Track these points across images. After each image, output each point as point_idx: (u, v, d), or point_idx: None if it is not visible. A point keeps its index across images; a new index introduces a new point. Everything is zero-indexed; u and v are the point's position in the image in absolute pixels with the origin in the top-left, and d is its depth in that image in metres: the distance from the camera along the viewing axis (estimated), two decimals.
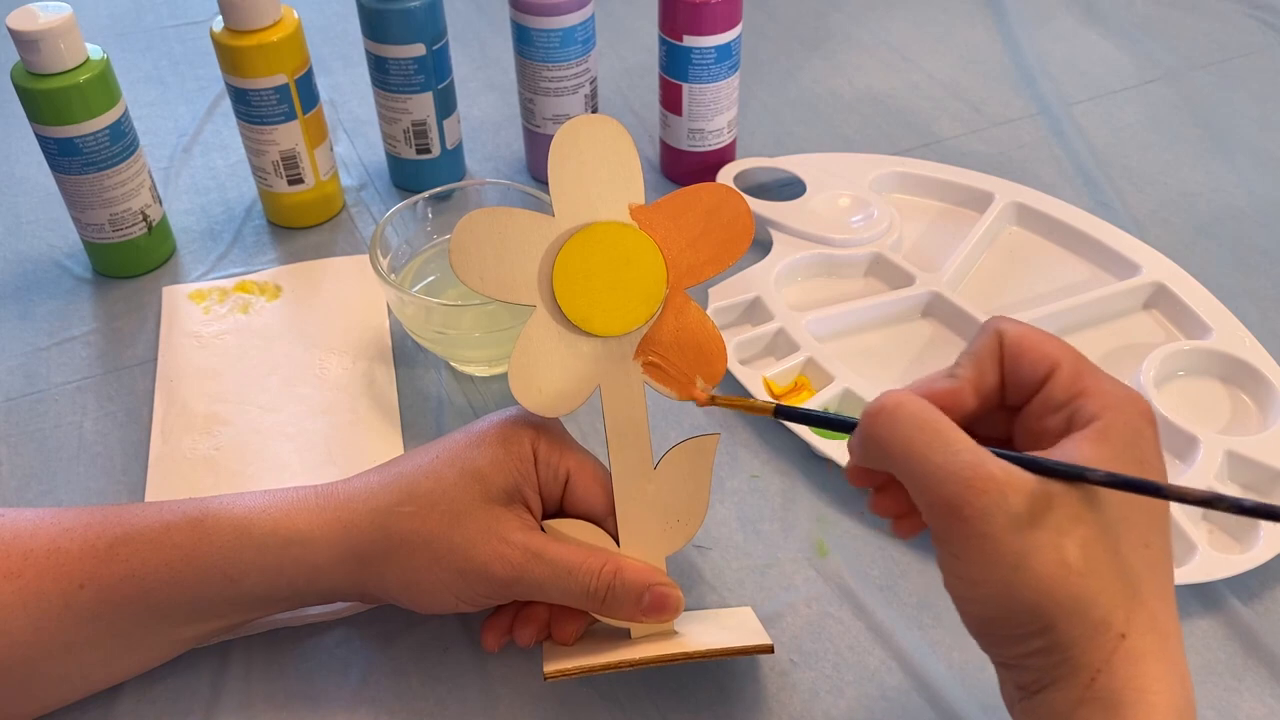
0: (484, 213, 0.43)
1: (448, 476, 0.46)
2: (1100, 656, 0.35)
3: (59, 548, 0.45)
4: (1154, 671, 0.35)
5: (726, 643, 0.47)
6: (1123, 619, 0.35)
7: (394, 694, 0.50)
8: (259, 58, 0.68)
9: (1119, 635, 0.35)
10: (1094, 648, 0.35)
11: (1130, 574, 0.35)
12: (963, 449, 0.36)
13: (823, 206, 0.74)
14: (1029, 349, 0.39)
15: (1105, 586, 0.35)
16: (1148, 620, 0.35)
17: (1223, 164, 0.81)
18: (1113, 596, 0.35)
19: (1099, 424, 0.37)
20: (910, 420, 0.37)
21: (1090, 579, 0.35)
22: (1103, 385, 0.38)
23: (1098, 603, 0.35)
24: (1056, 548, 0.35)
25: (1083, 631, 0.35)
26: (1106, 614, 0.35)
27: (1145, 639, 0.35)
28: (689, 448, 0.48)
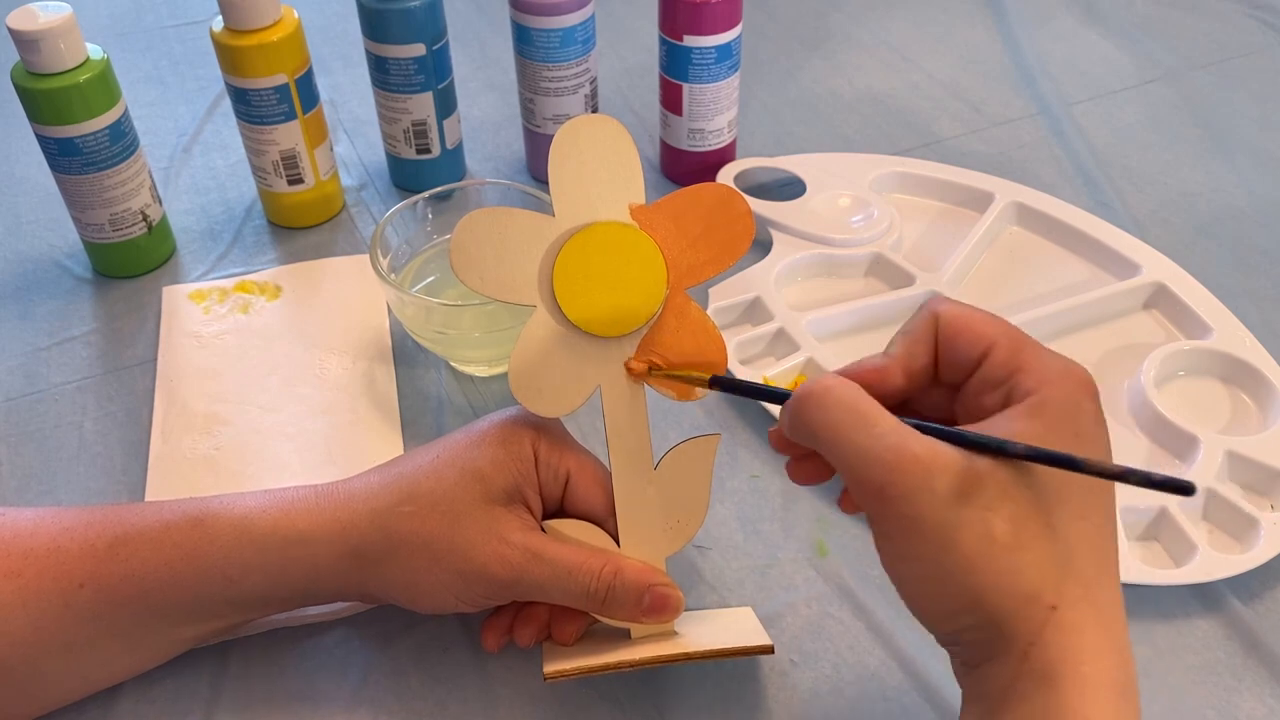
0: (484, 213, 0.43)
1: (448, 477, 0.46)
2: (1031, 629, 0.35)
3: (59, 547, 0.45)
4: (1089, 644, 0.35)
5: (726, 643, 0.47)
6: (1053, 591, 0.35)
7: (394, 694, 0.50)
8: (259, 58, 0.68)
9: (1049, 607, 0.35)
10: (1023, 620, 0.35)
11: (1064, 547, 0.36)
12: (886, 431, 0.36)
13: (823, 206, 0.74)
14: (964, 328, 0.39)
15: (1034, 560, 0.35)
16: (1082, 592, 0.35)
17: (1223, 164, 0.81)
18: (1043, 570, 0.35)
19: (1034, 398, 0.37)
20: (836, 405, 0.37)
21: (1018, 553, 0.35)
22: (1041, 360, 0.38)
23: (1026, 576, 0.35)
24: (983, 523, 0.35)
25: (1013, 606, 0.35)
26: (1036, 587, 0.35)
27: (1079, 610, 0.35)
28: (689, 448, 0.48)
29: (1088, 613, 0.35)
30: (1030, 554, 0.35)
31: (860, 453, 0.36)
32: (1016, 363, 0.38)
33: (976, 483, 0.35)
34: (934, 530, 0.35)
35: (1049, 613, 0.35)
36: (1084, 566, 0.36)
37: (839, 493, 0.57)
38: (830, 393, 0.37)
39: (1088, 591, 0.36)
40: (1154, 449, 0.59)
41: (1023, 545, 0.35)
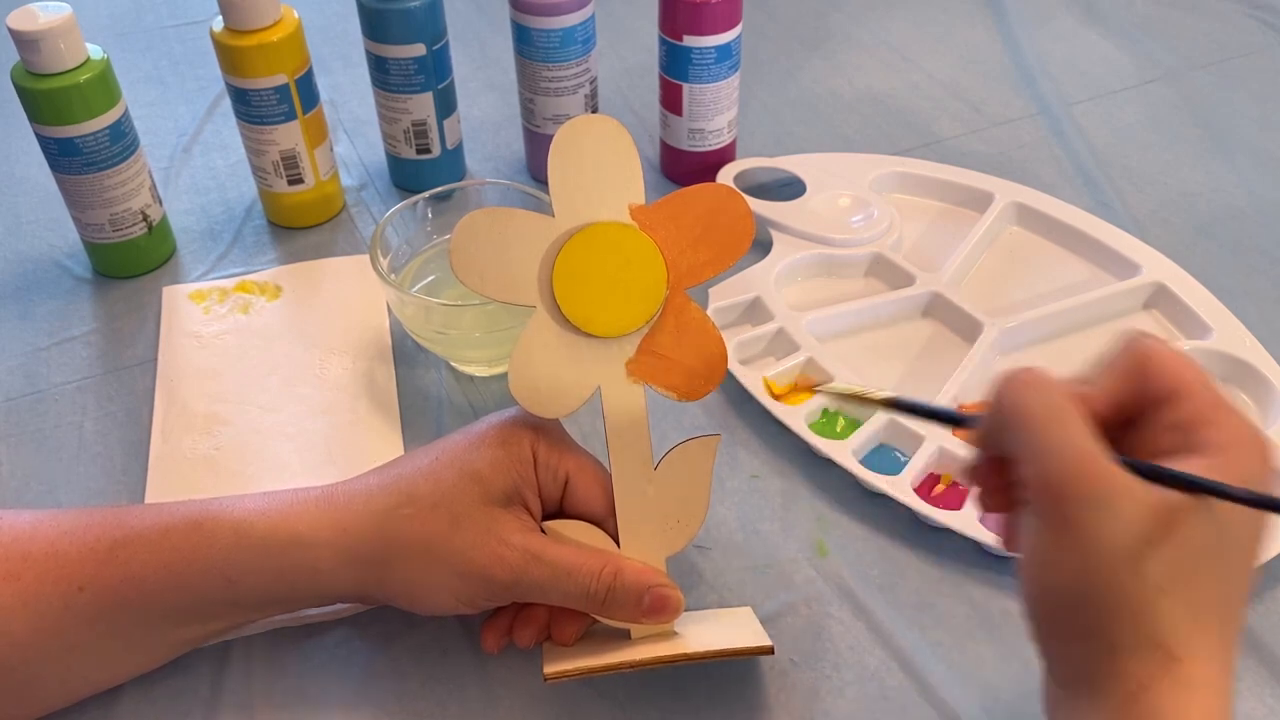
0: (484, 213, 0.43)
1: (447, 478, 0.46)
2: (1146, 672, 0.35)
3: (59, 550, 0.45)
4: (1200, 703, 0.35)
5: (727, 644, 0.47)
6: (1182, 645, 0.35)
7: (394, 694, 0.50)
8: (259, 58, 0.68)
9: (1172, 658, 0.35)
10: (1140, 662, 0.35)
11: (1205, 604, 0.35)
12: (1084, 436, 0.36)
13: (823, 206, 0.74)
14: (1161, 365, 0.38)
15: (1174, 609, 0.35)
16: (1210, 652, 0.35)
17: (1223, 164, 0.81)
18: (1179, 620, 0.35)
19: (1219, 458, 0.36)
20: (1044, 393, 0.37)
21: (1163, 597, 0.35)
22: (1233, 421, 0.37)
23: (1160, 621, 0.35)
24: (1140, 557, 0.35)
25: (1135, 642, 0.35)
26: (1166, 635, 0.35)
27: (1203, 669, 0.35)
28: (689, 448, 0.48)
29: (1209, 671, 0.35)
30: (1172, 601, 0.35)
31: (1053, 446, 0.36)
32: (1209, 415, 0.37)
33: (1148, 513, 0.35)
34: (1094, 546, 0.35)
35: (1171, 663, 0.35)
36: (1221, 629, 0.36)
37: (839, 493, 0.58)
38: (1044, 381, 0.37)
39: (1216, 654, 0.36)
40: None
41: (1168, 590, 0.35)
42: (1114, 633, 0.35)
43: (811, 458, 0.59)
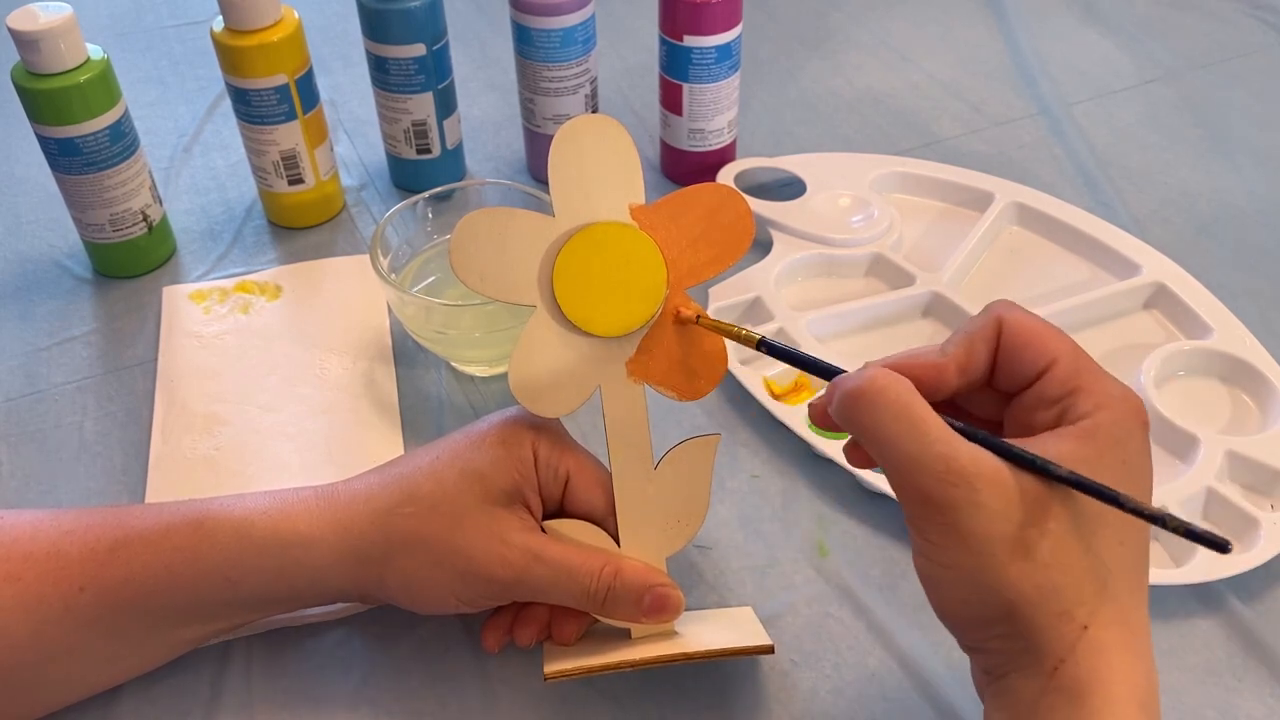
0: (484, 213, 0.43)
1: (448, 478, 0.46)
2: (1063, 646, 0.36)
3: (59, 550, 0.45)
4: (1118, 664, 0.36)
5: (727, 643, 0.47)
6: (1087, 612, 0.36)
7: (394, 694, 0.50)
8: (259, 58, 0.68)
9: (1081, 626, 0.36)
10: (1056, 637, 0.36)
11: (1100, 569, 0.36)
12: (936, 439, 0.36)
13: (823, 206, 0.74)
14: (1029, 340, 0.39)
15: (1071, 580, 0.36)
16: (1115, 614, 0.36)
17: (1223, 164, 0.81)
18: (1078, 590, 0.36)
19: (1088, 422, 0.37)
20: (889, 406, 0.37)
21: (1055, 571, 0.35)
22: (1099, 384, 0.38)
23: (1061, 595, 0.36)
24: (1023, 540, 0.35)
25: (1045, 621, 0.36)
26: (1070, 606, 0.36)
27: (1110, 631, 0.36)
28: (689, 448, 0.48)
29: (1119, 634, 0.36)
30: (1066, 574, 0.36)
31: (909, 460, 0.36)
32: (1076, 383, 0.38)
33: (1020, 498, 0.35)
34: (976, 543, 0.35)
35: (1081, 632, 0.36)
36: (1119, 589, 0.36)
37: (839, 493, 0.58)
38: (884, 394, 0.37)
39: (1120, 614, 0.36)
40: (1154, 449, 0.59)
41: (1059, 564, 0.35)
42: (1022, 617, 0.36)
43: (811, 458, 0.59)
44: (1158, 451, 0.59)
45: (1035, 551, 0.35)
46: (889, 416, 0.37)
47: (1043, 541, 0.35)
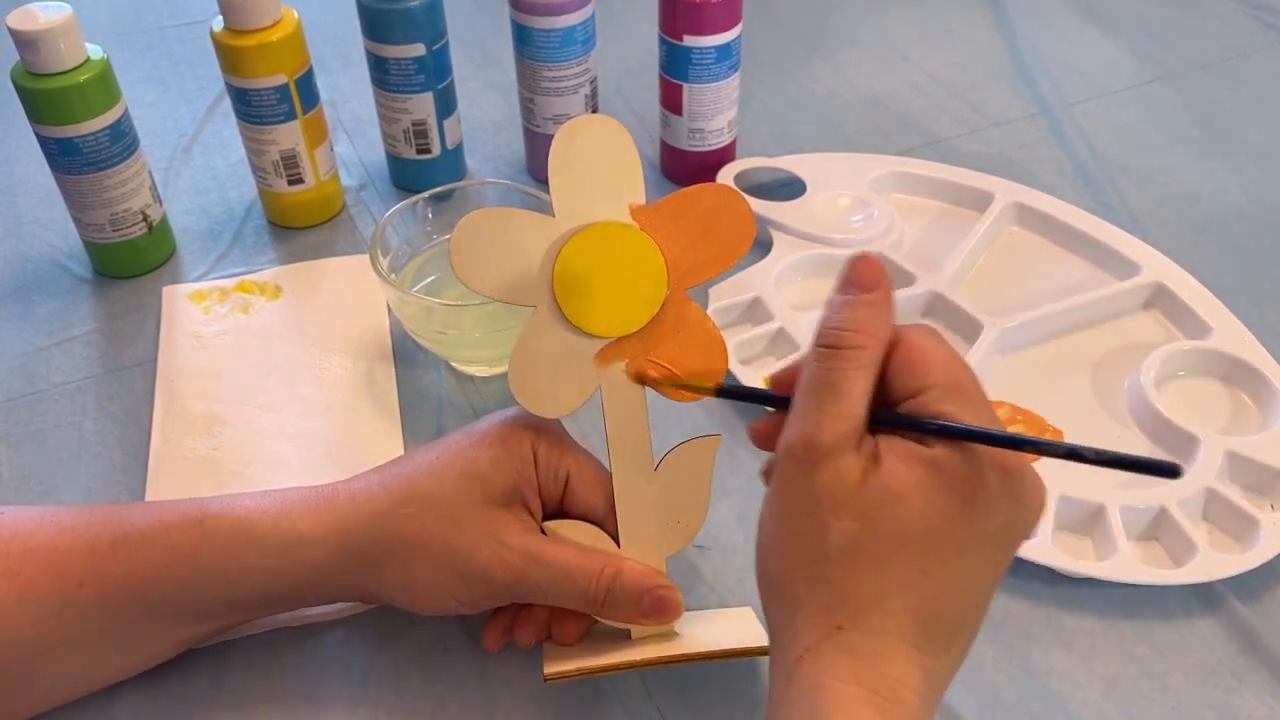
0: (484, 213, 0.43)
1: (448, 478, 0.46)
2: (811, 637, 0.37)
3: (59, 546, 0.45)
4: (861, 671, 0.35)
5: (727, 644, 0.47)
6: (850, 615, 0.36)
7: (394, 694, 0.50)
8: (259, 58, 0.68)
9: (836, 625, 0.36)
10: (809, 626, 0.37)
11: (892, 584, 0.36)
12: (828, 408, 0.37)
13: (823, 206, 0.74)
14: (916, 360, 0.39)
15: (848, 578, 0.36)
16: (887, 629, 0.36)
17: (1223, 164, 0.81)
18: (851, 590, 0.36)
19: (935, 452, 0.36)
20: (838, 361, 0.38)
21: (838, 565, 0.36)
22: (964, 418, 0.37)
23: (831, 587, 0.36)
24: (828, 522, 0.36)
25: (809, 607, 0.37)
26: (834, 602, 0.36)
27: (871, 641, 0.36)
28: (690, 448, 0.48)
29: (878, 645, 0.36)
30: (850, 572, 0.36)
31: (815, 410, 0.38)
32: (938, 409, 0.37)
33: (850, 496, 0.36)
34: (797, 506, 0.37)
35: (834, 630, 0.36)
36: (909, 610, 0.36)
37: None
38: (860, 352, 0.38)
39: (896, 630, 0.36)
40: (1154, 449, 0.59)
41: (848, 562, 0.36)
42: (796, 592, 0.37)
43: None
44: (1158, 451, 0.59)
45: (831, 538, 0.36)
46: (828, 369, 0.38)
47: (841, 536, 0.36)
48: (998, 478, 0.36)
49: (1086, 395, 0.62)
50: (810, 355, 0.39)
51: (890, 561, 0.36)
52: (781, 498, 0.38)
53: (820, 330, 0.39)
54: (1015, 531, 0.38)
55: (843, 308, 0.39)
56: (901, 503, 0.36)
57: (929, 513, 0.36)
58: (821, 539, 0.36)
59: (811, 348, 0.39)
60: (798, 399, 0.38)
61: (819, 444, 0.37)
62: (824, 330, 0.39)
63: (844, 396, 0.37)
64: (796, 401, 0.38)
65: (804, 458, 0.37)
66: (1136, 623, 0.52)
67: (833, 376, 0.37)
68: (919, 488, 0.36)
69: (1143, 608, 0.52)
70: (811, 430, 0.37)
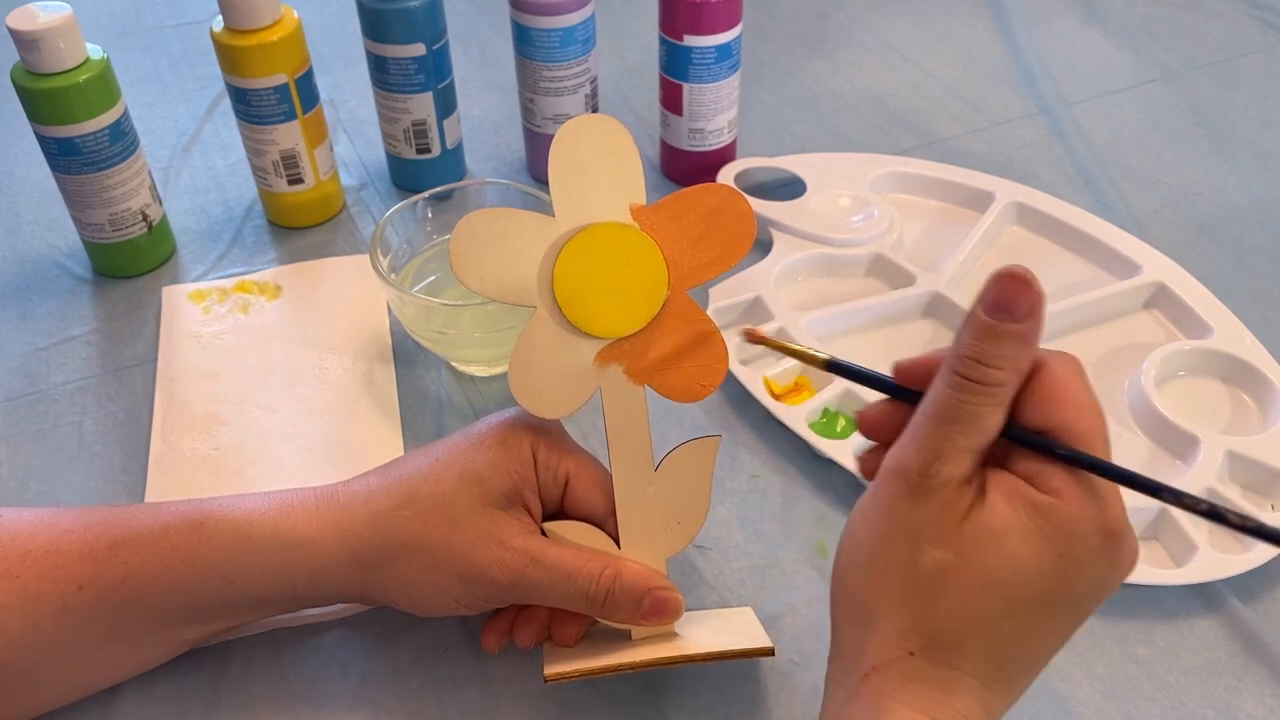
0: (484, 213, 0.43)
1: (447, 480, 0.46)
2: (882, 656, 0.36)
3: (58, 549, 0.45)
4: (923, 695, 0.35)
5: (727, 645, 0.47)
6: (924, 643, 0.36)
7: (394, 694, 0.50)
8: (259, 57, 0.68)
9: (908, 651, 0.36)
10: (881, 645, 0.37)
11: (970, 622, 0.36)
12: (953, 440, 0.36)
13: (823, 206, 0.74)
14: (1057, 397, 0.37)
15: (931, 607, 0.36)
16: (957, 662, 0.36)
17: (1223, 164, 0.81)
18: (931, 619, 0.36)
19: (1047, 500, 0.35)
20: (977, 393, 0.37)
21: (924, 592, 0.36)
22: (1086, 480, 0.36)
23: (911, 611, 0.36)
24: (922, 548, 0.36)
25: (885, 626, 0.37)
26: (911, 627, 0.36)
27: (939, 672, 0.36)
28: (690, 449, 0.48)
29: (947, 675, 0.36)
30: (932, 601, 0.36)
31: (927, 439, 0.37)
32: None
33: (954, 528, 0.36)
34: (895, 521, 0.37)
35: (906, 655, 0.36)
36: (984, 646, 0.36)
37: (839, 493, 0.58)
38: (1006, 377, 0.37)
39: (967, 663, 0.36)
40: (1154, 449, 0.59)
41: (932, 591, 0.36)
42: (874, 610, 0.37)
43: (811, 458, 0.59)
44: (1159, 451, 0.59)
45: (923, 565, 0.36)
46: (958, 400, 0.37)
47: (935, 566, 0.36)
48: (1100, 539, 0.35)
49: None
50: (944, 375, 0.36)
51: (976, 599, 0.35)
52: (880, 514, 0.37)
53: (959, 354, 0.36)
54: (1102, 594, 0.37)
55: (987, 337, 0.35)
56: (998, 542, 0.35)
57: (1024, 558, 0.35)
58: (912, 564, 0.36)
59: (946, 368, 0.36)
60: (921, 420, 0.37)
61: (936, 474, 0.36)
62: (964, 356, 0.36)
63: (973, 432, 0.36)
64: (920, 422, 0.37)
65: (918, 484, 0.36)
66: (1136, 623, 0.52)
67: (967, 410, 0.35)
68: (1020, 531, 0.35)
69: (1143, 608, 0.52)
70: (932, 459, 0.36)
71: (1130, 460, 0.58)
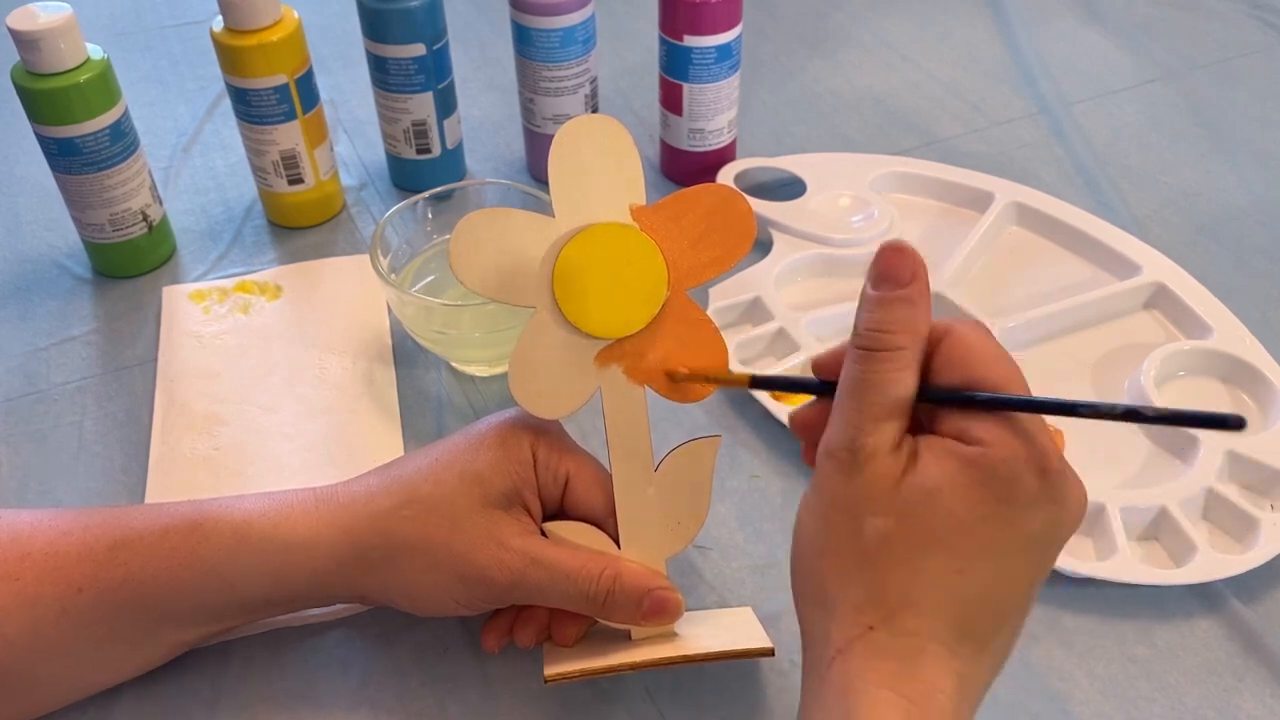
0: (484, 213, 0.43)
1: (447, 480, 0.46)
2: (844, 637, 0.36)
3: (57, 550, 0.45)
4: (889, 671, 0.35)
5: (727, 645, 0.47)
6: (883, 615, 0.36)
7: (394, 694, 0.50)
8: (259, 57, 0.68)
9: (867, 625, 0.36)
10: (841, 625, 0.37)
11: (927, 586, 0.36)
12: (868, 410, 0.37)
13: (823, 206, 0.74)
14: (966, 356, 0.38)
15: (882, 578, 0.36)
16: (921, 631, 0.36)
17: (1223, 164, 0.81)
18: (886, 590, 0.36)
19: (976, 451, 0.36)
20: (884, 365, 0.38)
21: (873, 564, 0.36)
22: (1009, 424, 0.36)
23: (865, 586, 0.36)
24: (864, 518, 0.36)
25: (843, 606, 0.37)
26: (866, 601, 0.36)
27: (902, 642, 0.36)
28: (690, 449, 0.48)
29: (910, 645, 0.35)
30: (883, 572, 0.36)
31: (856, 411, 0.37)
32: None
33: (892, 494, 0.36)
34: (835, 500, 0.37)
35: (866, 630, 0.36)
36: (946, 611, 0.36)
37: None
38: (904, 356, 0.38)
39: (930, 631, 0.36)
40: (1154, 449, 0.59)
41: (881, 561, 0.36)
42: (829, 592, 0.37)
43: None
44: (1158, 451, 0.59)
45: (867, 536, 0.36)
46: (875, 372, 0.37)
47: (877, 534, 0.36)
48: (1036, 479, 0.35)
49: (1087, 395, 0.62)
50: (849, 354, 0.38)
51: (924, 560, 0.36)
52: (820, 497, 0.38)
53: (856, 330, 0.38)
54: (1055, 535, 0.37)
55: (877, 306, 0.37)
56: (936, 499, 0.35)
57: (963, 510, 0.35)
58: (856, 537, 0.36)
59: (849, 347, 0.38)
60: (839, 400, 0.38)
61: (860, 446, 0.36)
62: (860, 331, 0.37)
63: (886, 398, 0.36)
64: (838, 402, 0.38)
65: (846, 460, 0.37)
66: (1136, 623, 0.52)
67: (873, 378, 0.37)
68: (954, 484, 0.35)
69: (1143, 608, 0.52)
70: (854, 433, 0.36)
71: (1130, 459, 0.58)
